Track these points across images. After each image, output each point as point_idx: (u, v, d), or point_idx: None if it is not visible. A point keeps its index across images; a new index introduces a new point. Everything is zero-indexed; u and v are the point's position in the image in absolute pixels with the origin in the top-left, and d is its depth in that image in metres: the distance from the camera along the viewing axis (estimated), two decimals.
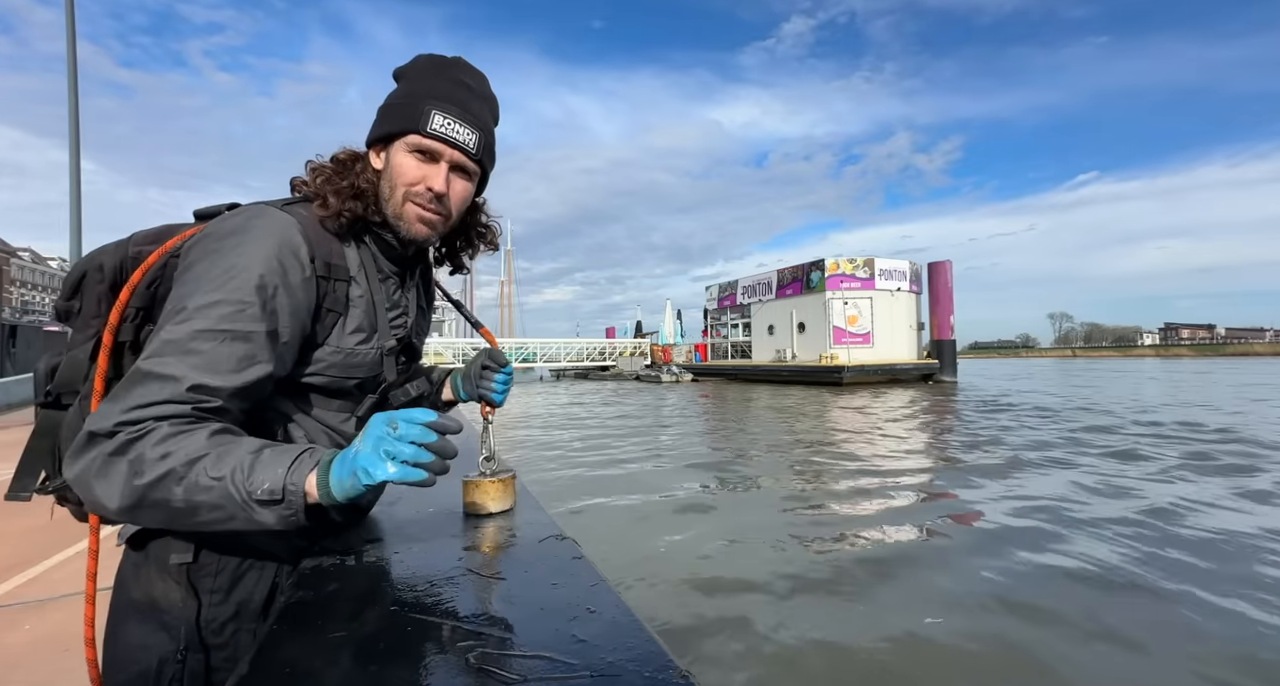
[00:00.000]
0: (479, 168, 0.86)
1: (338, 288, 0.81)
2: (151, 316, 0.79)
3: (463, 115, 0.80)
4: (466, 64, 0.86)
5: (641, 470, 6.94)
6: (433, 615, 0.63)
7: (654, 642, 0.57)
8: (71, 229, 8.24)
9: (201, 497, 0.61)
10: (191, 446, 0.62)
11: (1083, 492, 5.53)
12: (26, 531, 3.61)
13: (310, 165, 0.84)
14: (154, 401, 0.64)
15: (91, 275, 0.81)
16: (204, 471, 0.61)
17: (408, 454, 0.62)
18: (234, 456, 0.62)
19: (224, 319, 0.69)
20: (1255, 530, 4.33)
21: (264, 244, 0.73)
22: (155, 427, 0.63)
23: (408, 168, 0.81)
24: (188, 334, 0.67)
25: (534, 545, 0.89)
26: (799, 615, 3.10)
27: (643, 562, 3.89)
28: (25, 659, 2.13)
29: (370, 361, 0.86)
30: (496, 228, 0.98)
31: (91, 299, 0.81)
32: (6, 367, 15.93)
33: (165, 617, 0.77)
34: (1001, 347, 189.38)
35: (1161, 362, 69.80)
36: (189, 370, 0.66)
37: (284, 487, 0.62)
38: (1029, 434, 9.32)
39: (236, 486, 0.61)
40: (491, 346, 1.11)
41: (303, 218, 0.79)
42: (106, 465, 0.62)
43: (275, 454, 0.64)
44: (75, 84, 8.29)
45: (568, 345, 36.93)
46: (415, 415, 0.63)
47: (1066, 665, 2.60)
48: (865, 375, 23.11)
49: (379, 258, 0.88)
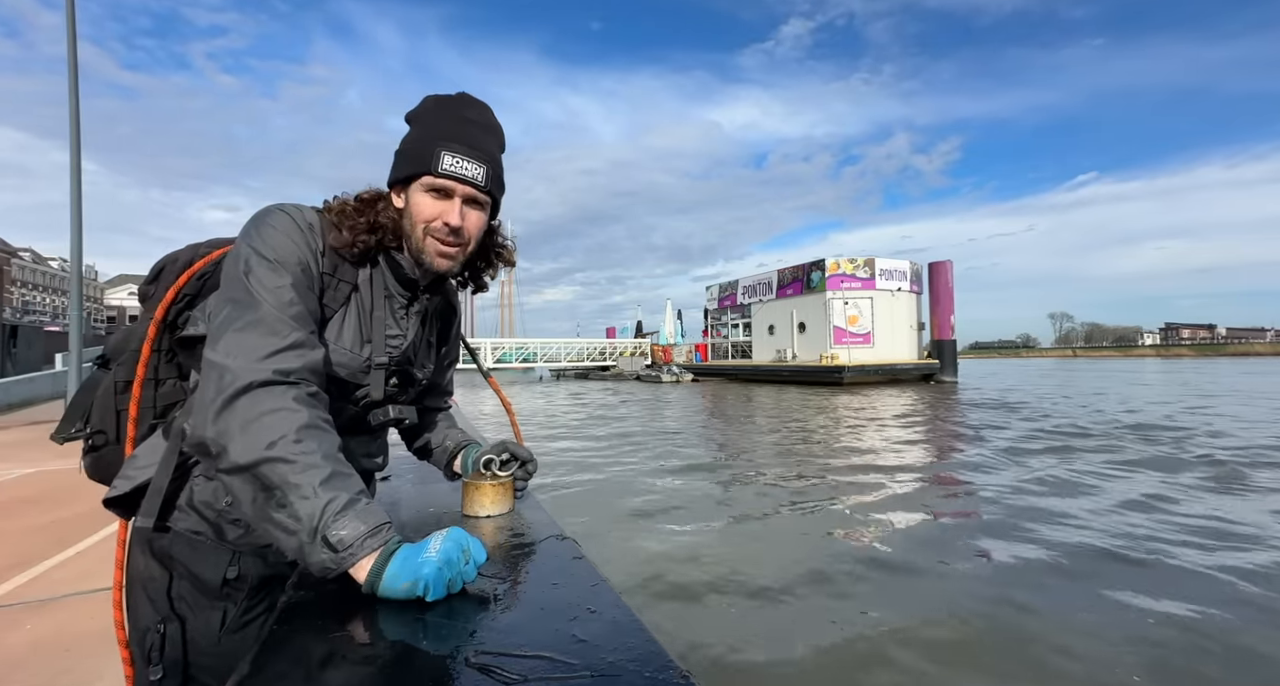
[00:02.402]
0: (489, 198, 0.91)
1: (341, 287, 0.88)
2: (193, 304, 0.93)
3: (469, 152, 0.86)
4: (470, 99, 0.92)
5: (642, 469, 6.94)
6: (433, 615, 0.64)
7: (654, 643, 0.58)
8: (72, 229, 8.23)
9: (294, 499, 0.65)
10: (324, 449, 0.70)
11: (1083, 491, 5.53)
12: (27, 531, 3.61)
13: (327, 204, 0.92)
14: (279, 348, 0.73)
15: (169, 267, 0.97)
16: (313, 483, 0.66)
17: (458, 587, 0.69)
18: (340, 486, 0.68)
19: (281, 282, 0.78)
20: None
21: (296, 225, 0.84)
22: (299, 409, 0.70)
23: (424, 206, 0.87)
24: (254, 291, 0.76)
25: (534, 545, 0.89)
26: (800, 615, 3.10)
27: (643, 562, 3.90)
28: (27, 658, 2.14)
29: (356, 367, 0.90)
30: (512, 246, 1.05)
31: (164, 286, 0.95)
32: (7, 368, 15.93)
33: (149, 591, 0.86)
34: (1002, 347, 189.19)
35: (1163, 362, 69.75)
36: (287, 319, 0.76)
37: (350, 547, 0.65)
38: (1028, 435, 9.32)
39: (325, 515, 0.65)
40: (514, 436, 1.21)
41: (328, 221, 0.88)
42: (255, 415, 0.68)
43: (367, 509, 0.68)
44: (76, 84, 8.29)
45: (568, 345, 36.89)
46: (481, 556, 0.71)
47: (1070, 660, 2.60)
48: (865, 375, 23.10)
49: (389, 279, 0.93)
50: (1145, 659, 2.64)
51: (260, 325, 0.74)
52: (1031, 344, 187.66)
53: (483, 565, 0.71)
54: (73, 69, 8.27)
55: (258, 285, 0.77)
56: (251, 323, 0.74)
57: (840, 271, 25.94)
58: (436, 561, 0.66)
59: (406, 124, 0.92)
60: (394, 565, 0.65)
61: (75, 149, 8.16)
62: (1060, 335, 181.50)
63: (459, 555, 0.68)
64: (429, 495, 1.25)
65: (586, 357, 36.86)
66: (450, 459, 1.17)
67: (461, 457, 1.15)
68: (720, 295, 34.68)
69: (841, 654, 2.73)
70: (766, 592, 3.37)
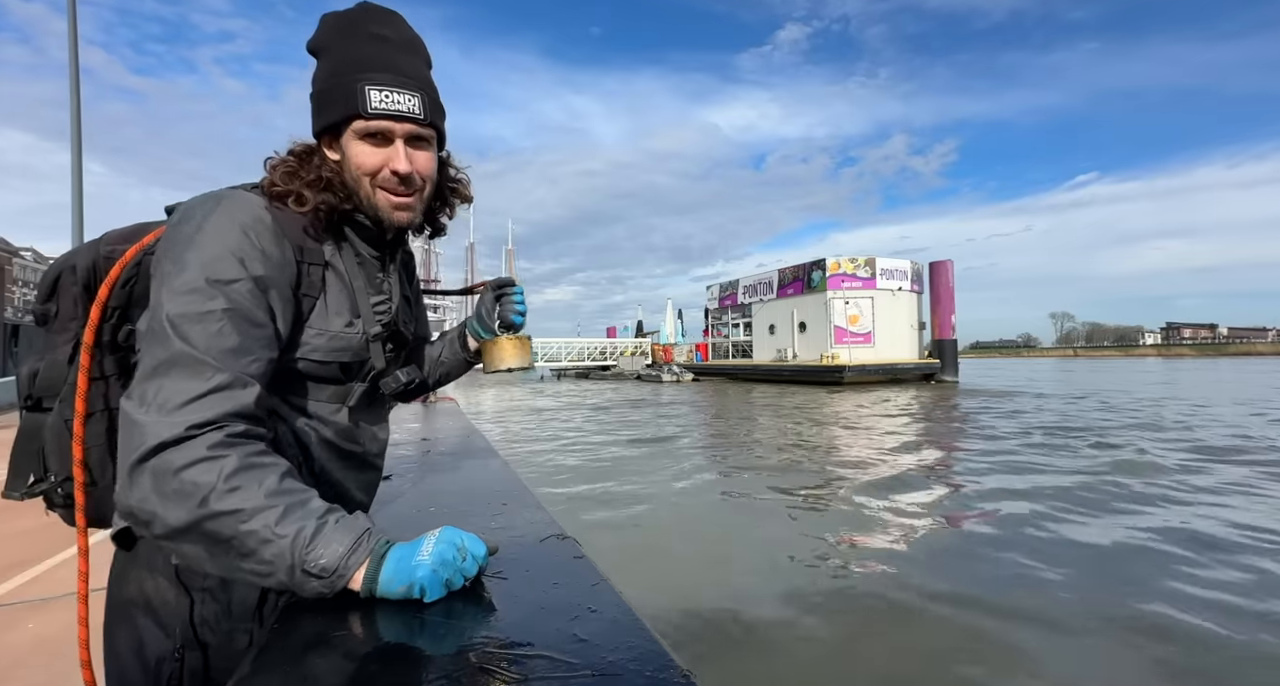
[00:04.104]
0: (433, 129, 0.81)
1: (312, 272, 0.78)
2: (129, 316, 0.78)
3: (397, 80, 0.75)
4: (376, 10, 0.79)
5: (642, 469, 6.95)
6: (433, 615, 0.63)
7: (655, 642, 0.57)
8: (74, 229, 8.24)
9: (254, 546, 0.60)
10: (266, 485, 0.61)
11: (1084, 490, 5.52)
12: (27, 531, 3.62)
13: (270, 162, 0.80)
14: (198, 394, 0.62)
15: (66, 277, 0.80)
16: (269, 524, 0.60)
17: (459, 584, 0.66)
18: (299, 517, 0.61)
19: (221, 301, 0.67)
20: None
21: (233, 222, 0.71)
22: (225, 455, 0.61)
23: (364, 156, 0.77)
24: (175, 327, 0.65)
25: (535, 544, 0.89)
26: (800, 614, 3.09)
27: (643, 562, 3.90)
28: (28, 658, 2.14)
29: (356, 346, 0.83)
30: (466, 178, 0.93)
31: (68, 300, 0.80)
32: (9, 367, 15.96)
33: (159, 616, 0.76)
34: (1003, 347, 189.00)
35: (1164, 362, 69.62)
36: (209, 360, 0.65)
37: (336, 570, 0.61)
38: (1030, 435, 9.30)
39: (295, 551, 0.60)
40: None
41: (274, 213, 0.76)
42: (169, 481, 0.59)
43: (339, 527, 0.63)
44: (77, 84, 8.30)
45: (569, 345, 36.87)
46: (479, 550, 0.69)
47: (1072, 663, 2.60)
48: (866, 375, 23.07)
49: (356, 242, 0.84)
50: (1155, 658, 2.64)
51: (175, 367, 0.63)
52: (1032, 343, 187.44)
53: (483, 559, 0.70)
54: (74, 67, 8.28)
55: (177, 317, 0.65)
56: (165, 364, 0.63)
57: (841, 271, 25.90)
58: (430, 563, 0.64)
59: (312, 56, 0.79)
60: (387, 569, 0.63)
61: (76, 147, 8.17)
62: (1061, 335, 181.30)
63: (454, 553, 0.66)
64: (429, 495, 1.25)
65: (587, 357, 36.83)
66: (462, 345, 1.12)
67: (468, 332, 1.10)
68: (721, 295, 34.65)
69: (844, 653, 2.73)
70: (768, 591, 3.37)
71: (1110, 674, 2.55)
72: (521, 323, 1.04)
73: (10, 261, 45.82)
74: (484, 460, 1.82)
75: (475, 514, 1.13)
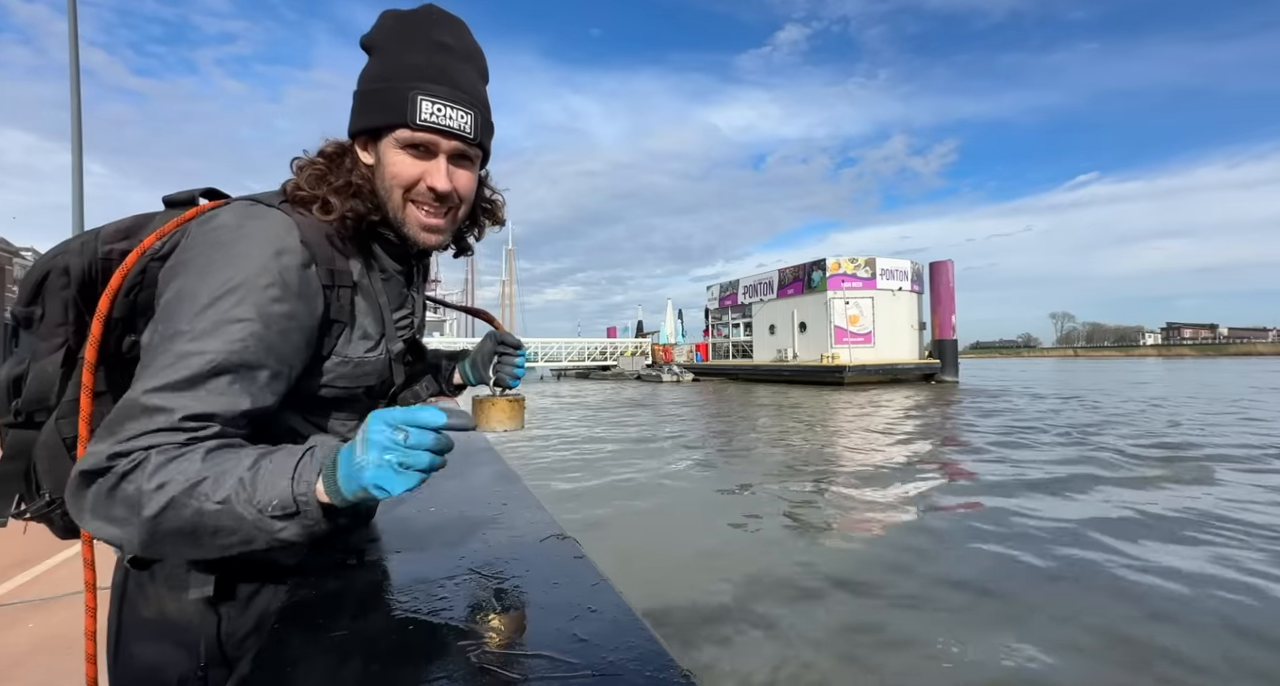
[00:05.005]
0: (480, 149, 0.76)
1: (342, 295, 0.73)
2: (133, 327, 0.72)
3: (452, 94, 0.71)
4: (441, 14, 0.74)
5: (642, 468, 6.95)
6: (434, 615, 0.63)
7: (655, 642, 0.57)
8: (74, 229, 8.25)
9: (212, 522, 0.55)
10: (188, 470, 0.56)
11: (1085, 489, 5.53)
12: (29, 529, 3.61)
13: (298, 162, 0.75)
14: (146, 431, 0.58)
15: (54, 278, 0.72)
16: (206, 497, 0.55)
17: (424, 463, 0.55)
18: (232, 475, 0.56)
19: (223, 343, 0.61)
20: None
21: (262, 251, 0.65)
22: (146, 457, 0.56)
23: (403, 166, 0.72)
24: (181, 361, 0.60)
25: (535, 544, 0.89)
26: (801, 613, 3.09)
27: (644, 561, 3.90)
28: (29, 657, 2.14)
29: (379, 368, 0.79)
30: (501, 200, 0.89)
31: (56, 304, 0.72)
32: None
33: (182, 634, 0.72)
34: (1003, 347, 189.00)
35: (1164, 362, 69.64)
36: (187, 400, 0.59)
37: (294, 499, 0.55)
38: (1030, 435, 9.31)
39: (244, 507, 0.55)
40: (498, 329, 1.07)
41: (299, 220, 0.71)
42: (109, 505, 0.56)
43: (273, 465, 0.57)
44: (78, 84, 8.31)
45: (569, 345, 36.89)
46: (425, 419, 0.55)
47: (1072, 661, 2.60)
48: (866, 375, 23.07)
49: (381, 257, 0.80)
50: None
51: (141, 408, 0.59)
52: (1033, 344, 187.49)
53: (438, 421, 0.56)
54: (74, 67, 8.29)
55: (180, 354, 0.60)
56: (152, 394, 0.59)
57: (841, 271, 25.90)
58: (372, 459, 0.54)
59: (364, 52, 0.74)
60: (340, 475, 0.56)
61: (77, 145, 8.18)
62: (1061, 335, 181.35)
63: (390, 435, 0.55)
64: (429, 495, 1.25)
65: (587, 357, 36.85)
66: (447, 379, 1.08)
67: (459, 369, 1.07)
68: (721, 295, 34.65)
69: (844, 653, 2.73)
70: (769, 591, 3.37)
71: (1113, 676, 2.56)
72: (516, 386, 1.02)
73: (10, 261, 45.94)
74: (484, 460, 1.82)
75: (475, 514, 1.13)
